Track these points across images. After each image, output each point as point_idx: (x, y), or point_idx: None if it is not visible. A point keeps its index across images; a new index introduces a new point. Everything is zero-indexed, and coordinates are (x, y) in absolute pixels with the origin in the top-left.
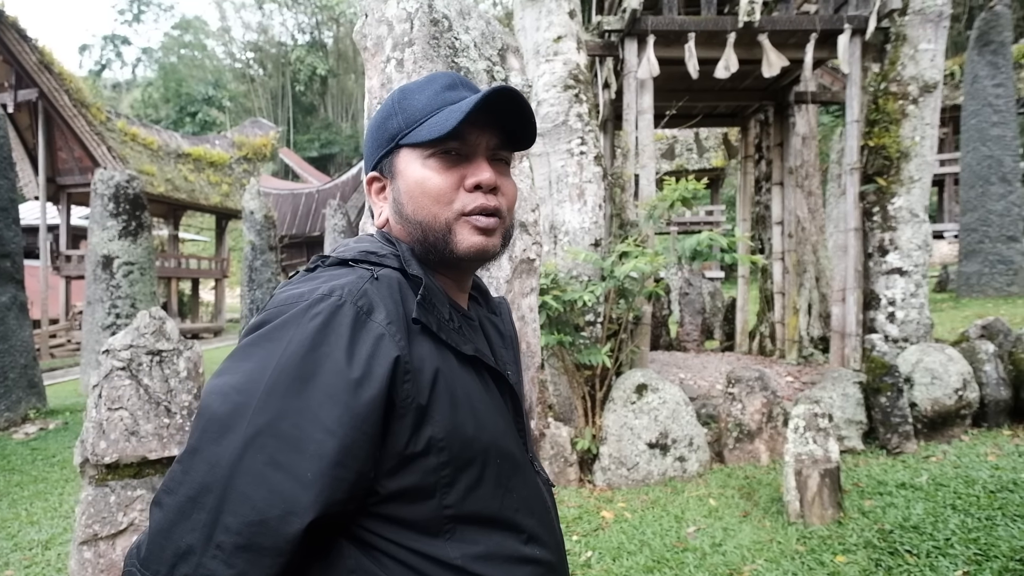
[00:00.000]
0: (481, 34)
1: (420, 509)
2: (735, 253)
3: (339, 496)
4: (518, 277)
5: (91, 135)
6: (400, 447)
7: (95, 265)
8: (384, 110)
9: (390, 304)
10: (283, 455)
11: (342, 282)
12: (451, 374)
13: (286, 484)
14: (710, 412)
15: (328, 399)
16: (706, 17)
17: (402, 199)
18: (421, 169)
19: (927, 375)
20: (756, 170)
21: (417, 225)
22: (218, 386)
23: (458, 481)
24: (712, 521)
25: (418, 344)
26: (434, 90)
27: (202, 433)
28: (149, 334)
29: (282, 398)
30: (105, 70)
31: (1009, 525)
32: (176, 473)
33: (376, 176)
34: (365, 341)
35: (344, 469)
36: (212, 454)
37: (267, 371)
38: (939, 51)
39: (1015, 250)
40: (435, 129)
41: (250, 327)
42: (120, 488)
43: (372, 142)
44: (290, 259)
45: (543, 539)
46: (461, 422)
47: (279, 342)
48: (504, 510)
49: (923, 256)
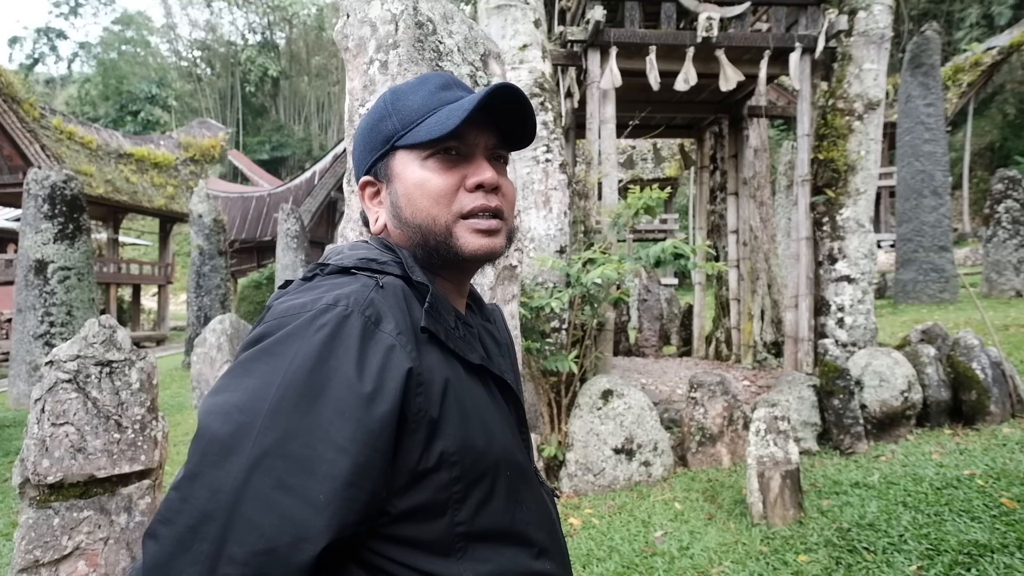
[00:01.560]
0: (464, 39)
1: (431, 528)
2: (697, 261)
3: (353, 518)
4: (500, 284)
5: (23, 132)
6: (412, 463)
7: (27, 270)
8: (376, 112)
9: (398, 313)
10: (293, 477)
11: (346, 291)
12: (460, 384)
13: (297, 508)
14: (672, 417)
15: (339, 415)
16: (666, 31)
17: (400, 202)
18: (420, 170)
19: (875, 378)
20: (711, 180)
21: (416, 228)
22: (217, 405)
23: (470, 496)
24: (678, 525)
25: (427, 354)
26: (429, 90)
27: (202, 456)
28: (98, 344)
29: (289, 416)
30: (38, 64)
31: (956, 520)
32: (173, 501)
33: (370, 180)
34: (375, 353)
35: (358, 489)
36: (214, 479)
37: (272, 387)
38: (882, 71)
39: (946, 259)
40: (435, 129)
41: (249, 340)
42: (65, 510)
43: (364, 145)
44: (240, 264)
45: (552, 552)
46: (472, 434)
47: (283, 356)
48: (516, 524)
49: (869, 264)
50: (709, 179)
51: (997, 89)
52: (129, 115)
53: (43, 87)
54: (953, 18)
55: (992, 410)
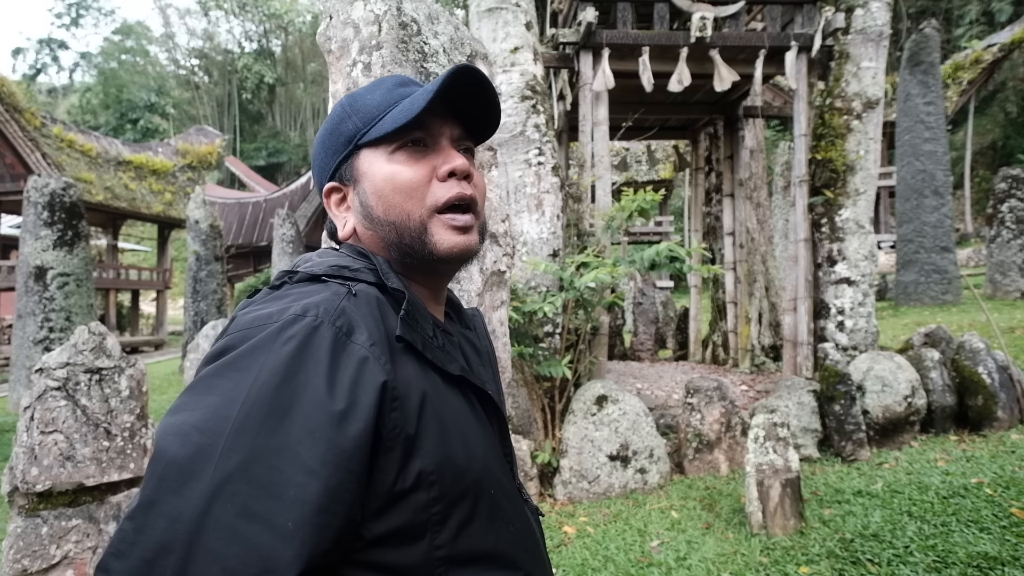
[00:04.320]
0: (450, 39)
1: (409, 553)
2: (693, 264)
3: (324, 546)
4: (489, 290)
5: (24, 141)
6: (387, 484)
7: (27, 276)
8: (335, 116)
9: (371, 323)
10: (258, 503)
11: (315, 300)
12: (437, 398)
13: (263, 537)
14: (668, 422)
15: (308, 435)
16: (659, 32)
17: (370, 201)
18: (388, 165)
19: (878, 383)
20: (707, 182)
21: (390, 226)
22: (175, 425)
23: (450, 518)
24: (675, 534)
25: (403, 366)
26: (386, 88)
27: (159, 482)
28: (88, 351)
29: (255, 436)
30: (40, 74)
31: (964, 531)
32: (127, 532)
33: (335, 186)
34: (347, 366)
35: (329, 515)
36: (172, 507)
37: (235, 405)
38: (880, 69)
39: (948, 260)
40: (400, 117)
41: (211, 355)
42: (53, 518)
43: (325, 151)
44: (236, 270)
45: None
46: (451, 451)
47: (247, 371)
48: (498, 546)
49: (869, 266)
50: (704, 181)
51: (998, 87)
52: (129, 123)
53: (46, 97)
54: (952, 15)
55: (999, 416)
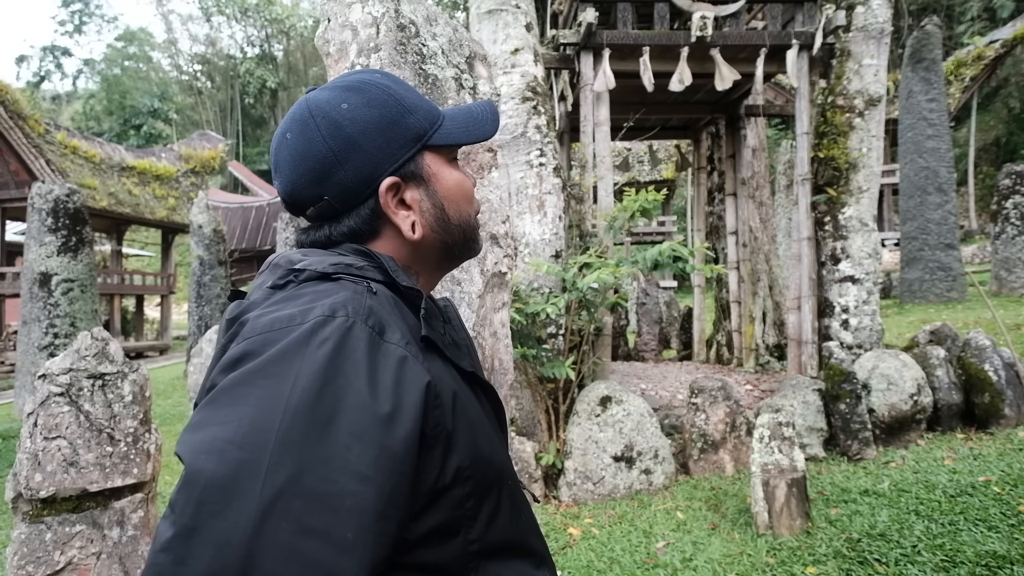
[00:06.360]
0: (449, 41)
1: (446, 550)
2: (696, 263)
3: (384, 553)
4: (490, 291)
5: (28, 148)
6: (430, 482)
7: (31, 283)
8: (387, 106)
9: (400, 321)
10: (314, 517)
11: (339, 299)
12: (463, 394)
13: (323, 552)
14: (673, 423)
15: (357, 441)
16: (660, 31)
17: (443, 203)
18: (453, 171)
19: (883, 381)
20: (709, 181)
21: (459, 230)
22: (205, 443)
23: (481, 511)
24: (681, 535)
25: (432, 363)
26: (413, 90)
27: (197, 507)
28: (91, 356)
29: (301, 447)
30: (44, 82)
31: (972, 530)
32: (164, 567)
33: (396, 181)
34: (386, 367)
35: (387, 521)
36: (218, 532)
37: (275, 415)
38: (882, 66)
39: (953, 257)
40: (476, 133)
41: (228, 362)
42: (57, 524)
43: (386, 140)
44: (240, 274)
45: (548, 560)
46: (480, 445)
47: (281, 378)
48: (519, 534)
49: (873, 264)
50: (707, 180)
51: (1001, 83)
52: (132, 129)
53: (50, 103)
54: (954, 12)
55: (1006, 413)
